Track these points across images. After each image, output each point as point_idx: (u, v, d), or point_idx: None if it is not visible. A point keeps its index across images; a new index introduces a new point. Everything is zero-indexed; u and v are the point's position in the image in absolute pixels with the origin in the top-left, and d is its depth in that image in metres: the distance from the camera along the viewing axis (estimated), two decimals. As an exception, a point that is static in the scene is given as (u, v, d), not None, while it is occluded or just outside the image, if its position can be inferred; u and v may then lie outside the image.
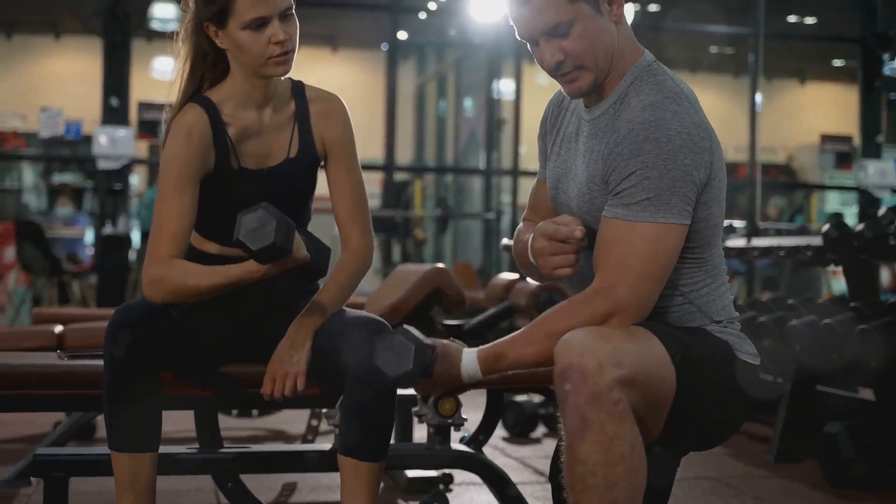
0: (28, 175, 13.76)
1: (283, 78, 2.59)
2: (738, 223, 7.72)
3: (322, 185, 2.71)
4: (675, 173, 2.04)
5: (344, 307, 2.63)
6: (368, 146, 12.19)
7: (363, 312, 2.60)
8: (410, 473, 3.68)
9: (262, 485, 3.73)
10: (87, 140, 10.56)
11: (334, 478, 2.56)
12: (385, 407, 2.49)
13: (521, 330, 2.15)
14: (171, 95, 2.57)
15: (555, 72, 2.16)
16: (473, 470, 2.97)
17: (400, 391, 2.54)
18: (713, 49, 14.05)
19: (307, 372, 2.51)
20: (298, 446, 3.02)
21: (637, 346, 2.03)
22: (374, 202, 11.34)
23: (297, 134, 2.61)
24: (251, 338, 2.62)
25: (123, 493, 2.42)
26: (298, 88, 2.64)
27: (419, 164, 13.32)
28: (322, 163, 2.67)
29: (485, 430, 3.08)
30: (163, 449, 2.69)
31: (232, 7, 2.41)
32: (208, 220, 2.61)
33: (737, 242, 5.48)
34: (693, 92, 2.18)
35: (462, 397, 3.07)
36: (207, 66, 2.55)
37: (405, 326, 2.19)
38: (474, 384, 2.22)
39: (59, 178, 13.33)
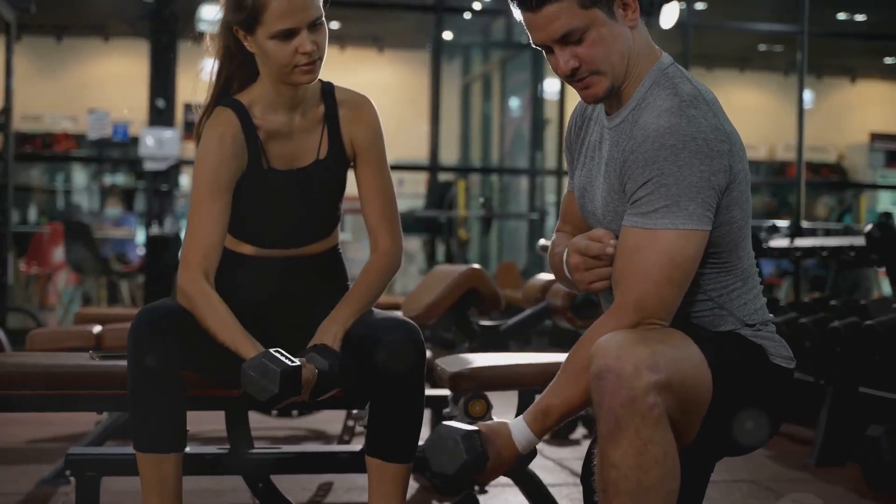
0: (79, 176, 13.91)
1: None
2: (782, 223, 7.63)
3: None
4: (692, 179, 2.01)
5: (373, 308, 2.64)
6: (414, 146, 12.24)
7: (392, 314, 2.60)
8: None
9: (298, 484, 3.74)
10: (135, 141, 10.66)
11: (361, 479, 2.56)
12: (413, 408, 2.49)
13: (557, 375, 2.11)
14: (201, 95, 2.59)
15: (570, 78, 2.13)
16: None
17: (429, 391, 2.55)
18: (762, 47, 13.91)
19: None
20: (328, 447, 3.03)
21: (674, 349, 2.01)
22: (418, 202, 11.36)
23: (326, 135, 2.62)
24: (279, 339, 2.62)
25: (149, 494, 2.44)
26: (328, 90, 2.64)
27: (464, 164, 13.31)
28: (352, 164, 2.68)
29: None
30: (192, 449, 2.71)
31: (261, 16, 2.42)
32: (241, 222, 2.63)
33: (780, 242, 5.42)
34: (712, 94, 2.15)
35: (495, 399, 3.06)
36: (235, 67, 2.57)
37: (443, 423, 2.14)
38: (533, 451, 2.17)
39: (111, 179, 13.47)
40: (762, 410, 2.15)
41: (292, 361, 2.33)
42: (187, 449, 2.74)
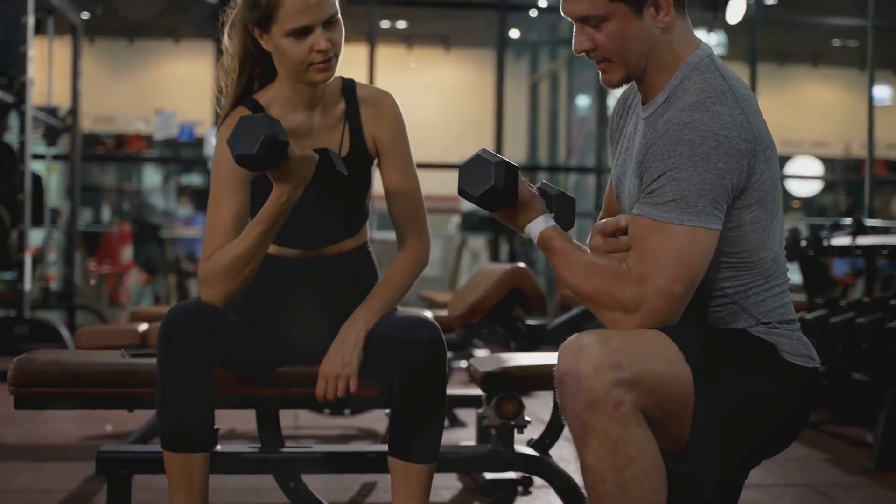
0: (152, 176, 14.09)
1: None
2: (848, 221, 7.46)
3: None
4: (706, 176, 1.96)
5: (398, 307, 2.61)
6: (481, 145, 12.13)
7: (415, 312, 2.57)
8: (489, 475, 3.63)
9: (341, 483, 3.74)
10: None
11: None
12: (434, 407, 2.47)
13: (583, 254, 2.09)
14: (225, 93, 2.58)
15: (584, 56, 2.12)
16: (537, 473, 2.92)
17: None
18: (835, 42, 13.63)
19: (361, 373, 2.50)
20: (358, 447, 3.00)
21: (642, 347, 1.96)
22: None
23: (347, 133, 2.59)
24: (305, 338, 2.60)
25: (175, 492, 2.43)
26: (349, 87, 2.62)
27: (532, 163, 13.24)
28: (376, 162, 2.65)
29: (551, 433, 3.02)
30: (223, 447, 2.71)
31: (275, 14, 2.40)
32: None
33: (842, 241, 5.29)
34: (747, 89, 2.10)
35: (529, 398, 3.02)
36: (255, 66, 2.55)
37: (485, 149, 2.15)
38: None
39: (187, 179, 13.63)
40: (774, 409, 2.08)
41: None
42: (217, 447, 2.74)
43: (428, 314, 3.97)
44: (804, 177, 14.29)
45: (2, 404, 4.84)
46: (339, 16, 2.45)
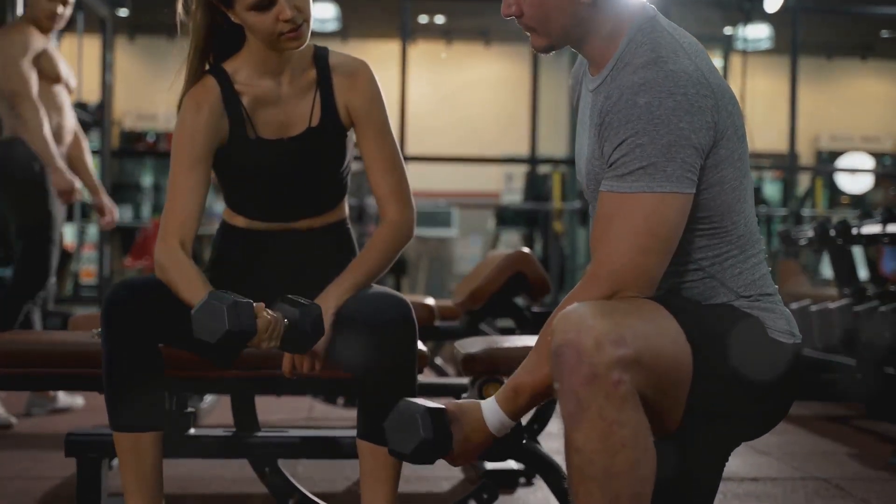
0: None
1: None
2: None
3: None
4: (670, 137, 1.84)
5: (373, 285, 2.51)
6: (522, 140, 12.05)
7: (385, 289, 2.47)
8: (489, 465, 3.53)
9: (341, 473, 3.66)
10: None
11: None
12: (405, 389, 2.35)
13: (531, 351, 1.95)
14: (187, 67, 2.50)
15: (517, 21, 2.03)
16: (521, 459, 2.81)
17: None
18: (884, 33, 13.34)
19: (330, 353, 2.41)
20: (332, 432, 2.92)
21: (645, 322, 1.83)
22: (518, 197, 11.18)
23: (318, 102, 2.50)
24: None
25: (126, 472, 2.36)
26: (321, 54, 2.53)
27: (572, 157, 13.11)
28: (351, 131, 2.56)
29: (540, 418, 2.91)
30: (196, 431, 2.64)
31: None
32: (234, 194, 2.56)
33: (871, 229, 5.12)
34: (698, 46, 1.99)
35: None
36: (220, 40, 2.48)
37: (406, 399, 1.99)
38: (512, 434, 1.98)
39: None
40: (760, 389, 1.96)
41: (242, 299, 2.17)
42: (191, 431, 2.67)
43: (430, 301, 3.89)
44: (848, 170, 13.96)
45: (18, 395, 4.86)
46: None
